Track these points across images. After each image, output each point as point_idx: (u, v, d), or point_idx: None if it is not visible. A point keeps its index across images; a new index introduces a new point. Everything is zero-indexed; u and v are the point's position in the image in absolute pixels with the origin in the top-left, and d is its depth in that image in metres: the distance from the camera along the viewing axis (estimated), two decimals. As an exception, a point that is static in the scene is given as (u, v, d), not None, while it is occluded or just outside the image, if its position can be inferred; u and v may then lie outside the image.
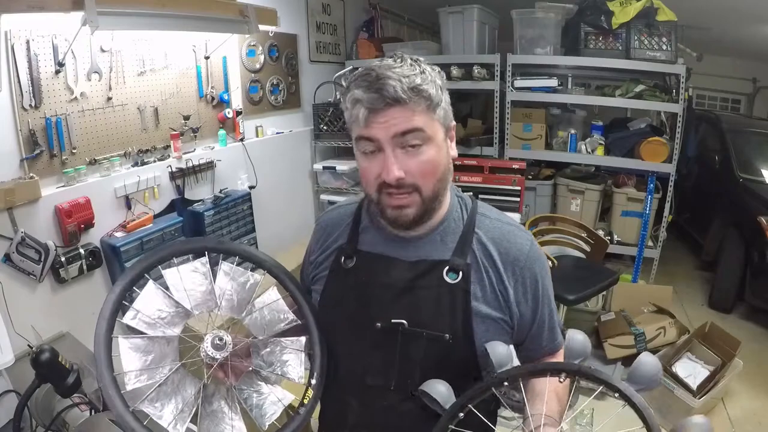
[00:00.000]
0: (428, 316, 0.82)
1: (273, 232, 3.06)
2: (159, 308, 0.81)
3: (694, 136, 4.35)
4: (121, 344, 0.76)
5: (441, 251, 0.85)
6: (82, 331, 1.85)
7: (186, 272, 0.85)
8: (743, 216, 3.31)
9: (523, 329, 0.88)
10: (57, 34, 1.81)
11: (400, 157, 0.76)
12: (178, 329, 0.81)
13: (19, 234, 1.69)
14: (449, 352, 0.82)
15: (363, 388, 0.87)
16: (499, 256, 0.84)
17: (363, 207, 0.94)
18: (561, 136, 3.55)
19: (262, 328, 0.87)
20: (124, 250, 2.00)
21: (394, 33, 4.53)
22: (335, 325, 0.89)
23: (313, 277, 0.96)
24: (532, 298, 0.86)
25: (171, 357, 0.79)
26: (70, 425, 1.33)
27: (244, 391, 0.84)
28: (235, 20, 2.38)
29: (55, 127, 1.85)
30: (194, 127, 2.48)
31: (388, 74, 0.73)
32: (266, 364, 0.86)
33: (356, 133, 0.79)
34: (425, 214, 0.81)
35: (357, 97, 0.76)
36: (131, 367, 0.74)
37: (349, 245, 0.91)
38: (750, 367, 2.52)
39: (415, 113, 0.74)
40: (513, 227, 0.88)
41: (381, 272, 0.86)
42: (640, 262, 3.39)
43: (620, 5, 3.08)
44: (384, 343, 0.84)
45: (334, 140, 3.45)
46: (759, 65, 5.63)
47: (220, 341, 0.79)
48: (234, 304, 0.87)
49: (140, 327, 0.78)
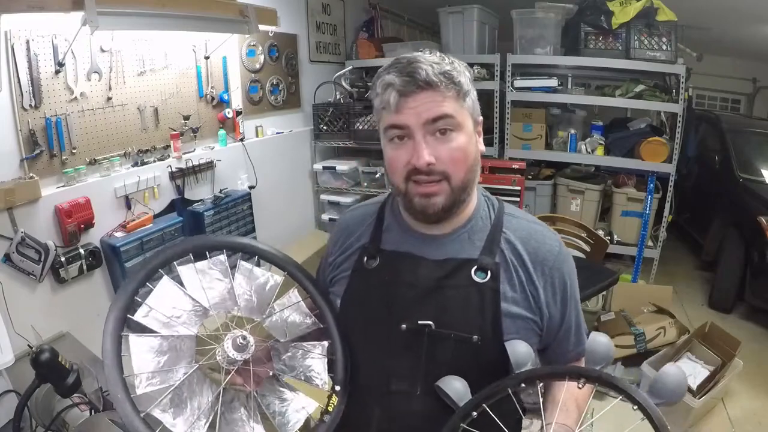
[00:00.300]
0: (456, 316, 0.79)
1: (273, 232, 3.06)
2: (174, 306, 0.75)
3: (694, 136, 4.35)
4: (132, 343, 0.69)
5: (469, 250, 0.82)
6: (82, 331, 1.85)
7: (203, 270, 0.80)
8: (743, 216, 3.31)
9: (550, 332, 0.85)
10: (57, 34, 1.81)
11: (431, 143, 0.75)
12: (194, 329, 0.75)
13: (19, 234, 1.69)
14: (478, 355, 0.79)
15: (386, 393, 0.83)
16: (528, 256, 0.82)
17: (386, 205, 0.92)
18: (561, 136, 3.55)
19: (283, 331, 0.83)
20: (124, 250, 2.00)
21: (394, 33, 4.53)
22: (357, 328, 0.86)
23: (332, 278, 0.93)
24: (561, 300, 0.84)
25: (187, 359, 0.73)
26: (70, 425, 1.33)
27: (266, 397, 0.80)
28: (235, 20, 2.38)
29: (55, 127, 1.85)
30: (194, 127, 2.48)
31: (420, 60, 0.74)
32: (288, 368, 0.82)
33: (386, 121, 0.78)
34: (453, 205, 0.78)
35: (388, 81, 0.75)
36: (143, 368, 0.68)
37: (372, 244, 0.87)
38: (750, 367, 2.52)
39: (446, 99, 0.74)
40: (541, 227, 0.86)
41: (406, 271, 0.83)
42: (640, 262, 3.38)
43: (620, 5, 3.08)
44: (409, 346, 0.81)
45: (334, 140, 3.45)
46: (759, 65, 5.63)
47: (243, 341, 0.74)
48: (254, 305, 0.82)
49: (153, 325, 0.72)
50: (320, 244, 3.27)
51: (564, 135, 3.52)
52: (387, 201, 0.93)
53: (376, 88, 0.78)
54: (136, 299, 0.72)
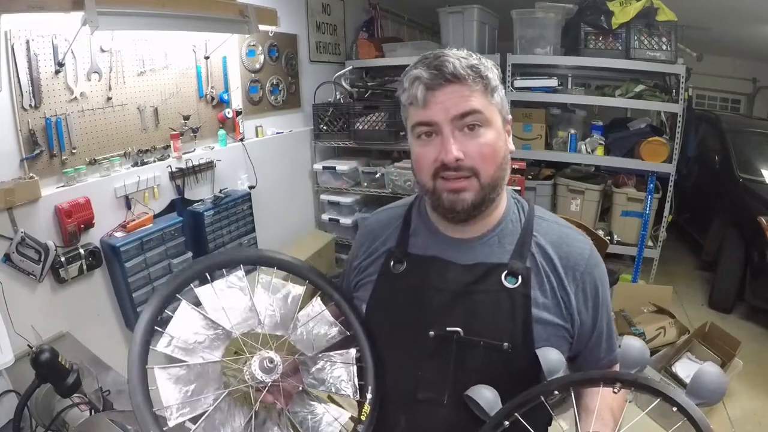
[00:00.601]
0: (486, 323, 0.77)
1: (273, 232, 3.06)
2: (195, 331, 0.73)
3: (694, 136, 4.35)
4: (158, 376, 0.67)
5: (499, 254, 0.80)
6: (82, 331, 1.85)
7: (221, 289, 0.77)
8: (743, 216, 3.31)
9: (582, 339, 0.82)
10: (57, 34, 1.81)
11: (459, 139, 0.74)
12: (218, 353, 0.73)
13: (19, 234, 1.69)
14: (508, 362, 0.76)
15: (413, 402, 0.81)
16: (560, 261, 0.80)
17: (413, 208, 0.90)
18: (561, 136, 3.55)
19: (310, 343, 0.80)
20: (123, 250, 2.00)
21: (394, 33, 4.53)
22: (384, 334, 0.83)
23: (357, 283, 0.91)
24: (593, 306, 0.81)
25: (214, 385, 0.71)
26: (70, 425, 1.33)
27: (298, 413, 0.78)
28: (235, 20, 2.38)
29: (55, 127, 1.85)
30: (194, 127, 2.48)
31: (447, 54, 0.74)
32: (318, 382, 0.80)
33: (413, 118, 0.77)
34: (482, 203, 0.77)
35: (416, 75, 0.74)
36: (171, 400, 0.66)
37: (398, 248, 0.85)
38: (750, 367, 2.52)
39: (473, 93, 0.74)
40: (572, 231, 0.84)
41: (434, 276, 0.81)
42: (640, 262, 3.38)
43: (620, 5, 3.08)
44: (437, 353, 0.78)
45: (334, 140, 3.45)
46: (759, 65, 5.63)
47: (270, 363, 0.72)
48: (277, 320, 0.80)
49: (177, 354, 0.70)
50: (320, 244, 3.28)
51: (564, 135, 3.52)
52: (414, 204, 0.91)
53: (404, 83, 0.77)
54: (156, 329, 0.70)
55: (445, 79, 0.73)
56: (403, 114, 0.82)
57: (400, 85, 0.79)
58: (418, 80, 0.74)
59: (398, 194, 3.29)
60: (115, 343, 2.15)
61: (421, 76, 0.74)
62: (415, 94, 0.74)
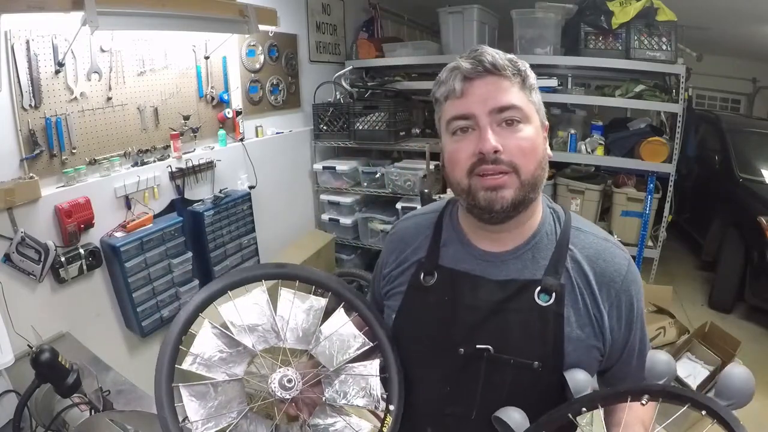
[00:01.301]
0: (516, 341, 0.75)
1: (273, 232, 3.06)
2: (219, 349, 0.75)
3: (694, 136, 4.35)
4: (183, 393, 0.70)
5: (532, 269, 0.77)
6: (82, 331, 1.85)
7: (244, 305, 0.78)
8: (743, 216, 3.31)
9: (613, 355, 0.80)
10: (57, 34, 1.81)
11: (498, 133, 0.71)
12: (241, 369, 0.75)
13: (19, 234, 1.69)
14: (537, 381, 0.75)
15: (440, 417, 0.79)
16: (595, 277, 0.76)
17: (444, 217, 0.87)
18: (561, 136, 3.55)
19: (332, 355, 0.80)
20: (124, 250, 2.00)
21: (394, 33, 4.53)
22: (412, 348, 0.82)
23: (387, 292, 0.89)
24: (626, 324, 0.79)
25: (237, 400, 0.73)
26: (70, 425, 1.33)
27: (320, 426, 0.78)
28: (235, 20, 2.38)
29: (55, 127, 1.85)
30: (194, 127, 2.48)
31: (486, 48, 0.74)
32: (340, 394, 0.79)
33: (449, 112, 0.74)
34: (522, 203, 0.73)
35: (454, 65, 0.73)
36: (196, 416, 0.69)
37: (429, 260, 0.83)
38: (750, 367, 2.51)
39: (512, 86, 0.72)
40: (610, 244, 0.80)
41: (466, 292, 0.78)
42: (640, 262, 3.38)
43: (620, 5, 3.08)
44: (466, 370, 0.77)
45: (334, 140, 3.45)
46: (759, 65, 5.63)
47: (289, 383, 0.73)
48: (299, 334, 0.80)
49: (201, 371, 0.72)
50: (320, 244, 3.28)
51: (564, 135, 3.52)
52: (445, 211, 0.88)
53: (440, 77, 0.76)
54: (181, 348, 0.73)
55: (485, 68, 0.71)
56: (437, 115, 0.79)
57: (436, 82, 0.77)
58: (457, 70, 0.73)
59: (398, 194, 3.30)
60: (115, 343, 2.15)
61: (460, 66, 0.73)
62: (452, 85, 0.73)
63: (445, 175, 0.80)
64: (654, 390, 0.62)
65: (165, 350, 0.71)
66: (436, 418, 0.80)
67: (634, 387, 0.65)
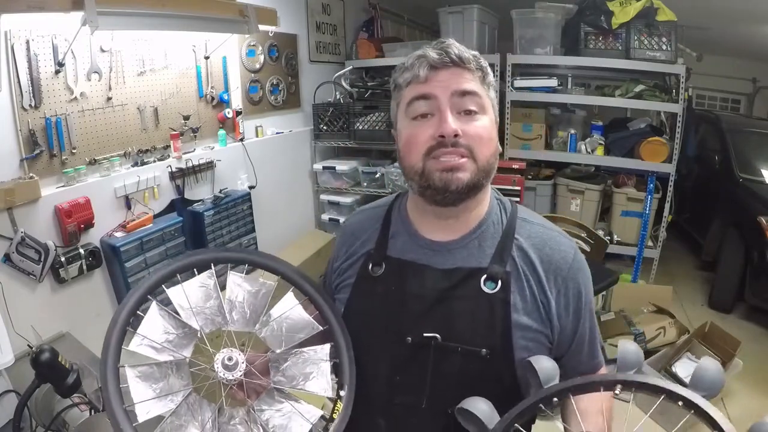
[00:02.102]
0: (464, 329, 0.76)
1: (273, 232, 3.06)
2: (166, 331, 0.74)
3: (694, 136, 4.35)
4: (129, 374, 0.69)
5: (478, 258, 0.78)
6: (82, 331, 1.85)
7: (192, 289, 0.78)
8: (743, 216, 3.31)
9: (562, 345, 0.81)
10: (57, 34, 1.81)
11: (457, 118, 0.73)
12: (187, 351, 0.74)
13: (19, 234, 1.69)
14: (486, 368, 0.75)
15: (390, 407, 0.80)
16: (541, 264, 0.78)
17: (393, 209, 0.89)
18: (561, 136, 3.56)
19: (280, 339, 0.80)
20: (124, 250, 2.00)
21: (394, 33, 4.53)
22: (361, 339, 0.82)
23: (337, 285, 0.89)
24: (574, 311, 0.80)
25: (183, 382, 0.72)
26: (70, 425, 1.33)
27: (265, 411, 0.76)
28: (235, 20, 2.38)
29: (55, 127, 1.85)
30: (194, 127, 2.48)
31: (452, 41, 0.76)
32: (288, 379, 0.78)
33: (410, 94, 0.76)
34: (475, 187, 0.75)
35: (420, 54, 0.76)
36: (142, 397, 0.68)
37: (377, 251, 0.84)
38: (750, 367, 2.52)
39: (474, 78, 0.75)
40: (556, 233, 0.82)
41: (412, 281, 0.79)
42: (640, 262, 3.39)
43: (620, 5, 3.08)
44: (415, 359, 0.77)
45: (334, 140, 3.45)
46: (759, 65, 5.63)
47: (229, 361, 0.73)
48: (246, 317, 0.79)
49: (147, 353, 0.72)
50: (320, 244, 3.27)
51: (564, 135, 3.53)
52: (394, 205, 0.90)
53: (405, 64, 0.78)
54: (129, 329, 0.73)
55: (451, 59, 0.74)
56: (395, 101, 0.81)
57: (398, 68, 0.79)
58: (423, 58, 0.75)
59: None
60: (115, 343, 2.15)
61: (427, 54, 0.75)
62: (417, 71, 0.75)
63: (399, 159, 0.81)
64: (627, 380, 0.63)
65: (112, 331, 0.70)
66: (387, 408, 0.81)
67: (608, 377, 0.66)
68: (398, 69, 0.79)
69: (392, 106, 0.82)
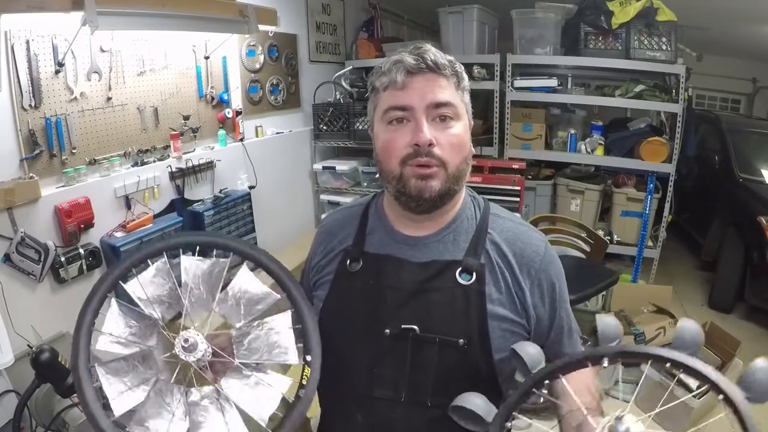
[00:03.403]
0: (441, 320, 0.78)
1: (273, 232, 3.06)
2: (129, 325, 0.76)
3: (693, 136, 4.35)
4: (100, 372, 0.71)
5: (453, 251, 0.81)
6: (82, 331, 1.84)
7: (147, 279, 0.79)
8: (743, 216, 3.31)
9: (540, 335, 0.83)
10: (57, 34, 1.81)
11: (432, 126, 0.76)
12: (152, 341, 0.76)
13: (19, 234, 1.69)
14: (463, 359, 0.77)
15: (370, 401, 0.81)
16: (514, 257, 0.81)
17: (371, 208, 0.91)
18: (561, 136, 3.55)
19: (239, 314, 0.80)
20: (123, 250, 2.00)
21: (394, 33, 4.53)
22: (340, 333, 0.83)
23: (315, 282, 0.91)
24: (549, 302, 0.83)
25: (152, 371, 0.75)
26: (69, 425, 1.33)
27: (234, 387, 0.77)
28: (235, 20, 2.38)
29: (55, 127, 1.85)
30: (194, 127, 2.48)
31: (428, 47, 0.79)
32: (252, 351, 0.79)
33: (387, 101, 0.78)
34: (447, 193, 0.78)
35: (397, 59, 0.77)
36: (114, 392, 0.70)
37: (355, 247, 0.86)
38: (750, 367, 2.52)
39: (449, 85, 0.78)
40: (526, 228, 0.86)
41: (389, 275, 0.81)
42: (640, 262, 3.39)
43: (620, 5, 3.08)
44: (393, 351, 0.79)
45: (334, 140, 3.45)
46: (759, 65, 5.63)
47: (186, 343, 0.74)
48: (204, 297, 0.80)
49: (114, 349, 0.74)
50: (320, 244, 3.27)
51: (564, 135, 3.53)
52: (371, 203, 0.92)
53: (382, 68, 0.80)
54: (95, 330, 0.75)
55: (427, 65, 0.76)
56: (372, 103, 0.83)
57: (375, 71, 0.81)
58: (401, 63, 0.77)
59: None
60: (115, 343, 2.15)
61: (404, 60, 0.77)
62: (394, 77, 0.77)
63: (377, 162, 0.83)
64: (610, 352, 0.64)
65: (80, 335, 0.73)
66: (366, 403, 0.82)
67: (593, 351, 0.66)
68: (375, 72, 0.82)
69: (369, 108, 0.85)
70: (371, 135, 0.85)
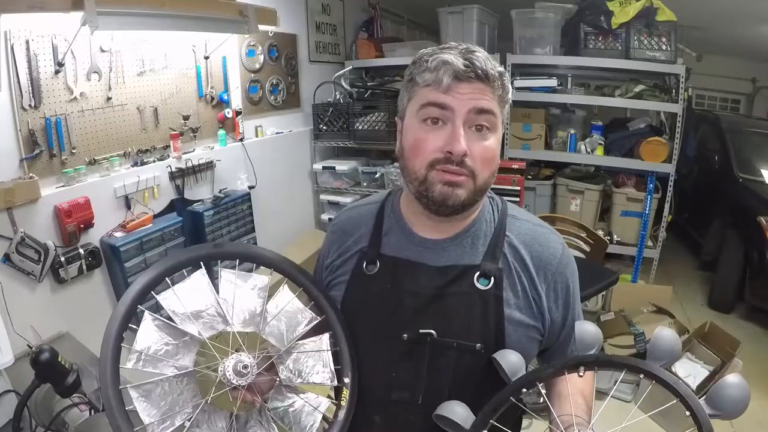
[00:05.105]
0: (458, 325, 0.78)
1: (273, 233, 3.06)
2: (164, 342, 0.70)
3: (693, 136, 4.35)
4: (132, 395, 0.65)
5: (471, 255, 0.80)
6: (82, 331, 1.85)
7: (184, 291, 0.73)
8: (743, 216, 3.31)
9: (552, 336, 0.84)
10: (57, 34, 1.81)
11: (467, 135, 0.73)
12: (190, 359, 0.70)
13: (19, 234, 1.69)
14: (479, 363, 0.77)
15: (387, 403, 0.81)
16: (531, 260, 0.80)
17: (386, 207, 0.89)
18: (561, 136, 3.55)
19: (282, 334, 0.78)
20: (123, 250, 2.00)
21: (394, 33, 4.53)
22: (357, 336, 0.83)
23: (329, 282, 0.90)
24: (563, 305, 0.83)
25: (191, 393, 0.69)
26: (69, 425, 1.33)
27: (278, 408, 0.77)
28: (235, 20, 2.38)
29: (55, 127, 1.85)
30: (194, 127, 2.48)
31: (479, 50, 0.74)
32: (294, 373, 0.78)
33: (426, 97, 0.74)
34: (470, 204, 0.77)
35: (445, 59, 0.72)
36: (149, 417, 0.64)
37: (371, 249, 0.85)
38: (750, 367, 2.52)
39: (494, 97, 0.74)
40: (545, 230, 0.85)
41: (407, 279, 0.81)
42: (640, 262, 3.39)
43: (620, 5, 3.08)
44: (411, 356, 0.79)
45: (334, 140, 3.45)
46: (759, 65, 5.63)
47: (244, 369, 0.70)
48: (246, 316, 0.77)
49: (148, 368, 0.68)
50: (320, 244, 3.23)
51: (564, 135, 3.52)
52: (386, 201, 0.90)
53: (427, 63, 0.74)
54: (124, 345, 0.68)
55: (476, 74, 0.72)
56: (407, 94, 0.78)
57: (419, 64, 0.76)
58: (449, 65, 0.72)
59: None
60: (114, 343, 2.14)
61: (452, 62, 0.71)
62: (440, 77, 0.72)
63: (400, 156, 0.80)
64: (588, 360, 0.65)
65: (106, 351, 0.66)
66: (383, 406, 0.82)
67: (569, 360, 0.68)
68: (418, 64, 0.76)
69: (402, 95, 0.81)
70: (397, 123, 0.82)
